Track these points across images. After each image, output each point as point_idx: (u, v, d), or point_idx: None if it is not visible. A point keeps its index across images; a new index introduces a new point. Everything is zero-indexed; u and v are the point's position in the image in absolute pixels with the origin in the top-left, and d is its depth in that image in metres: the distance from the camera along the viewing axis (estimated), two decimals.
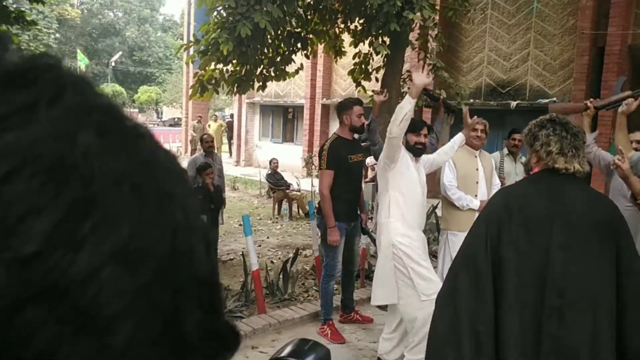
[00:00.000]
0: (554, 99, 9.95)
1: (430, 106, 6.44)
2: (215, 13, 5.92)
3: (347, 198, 4.00)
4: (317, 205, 4.41)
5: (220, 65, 6.14)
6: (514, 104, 10.43)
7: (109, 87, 39.78)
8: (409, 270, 3.29)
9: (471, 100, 10.63)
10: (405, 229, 3.39)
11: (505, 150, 5.55)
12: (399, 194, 3.38)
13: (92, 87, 0.28)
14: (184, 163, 9.71)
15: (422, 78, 3.23)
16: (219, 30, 5.55)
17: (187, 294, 0.28)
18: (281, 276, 5.01)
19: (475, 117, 4.26)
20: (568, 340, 1.97)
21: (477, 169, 4.44)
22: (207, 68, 6.20)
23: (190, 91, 6.64)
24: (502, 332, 2.04)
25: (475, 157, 4.42)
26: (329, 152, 3.94)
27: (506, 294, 2.05)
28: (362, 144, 4.49)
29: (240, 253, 5.72)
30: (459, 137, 4.13)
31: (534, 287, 2.02)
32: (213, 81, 6.38)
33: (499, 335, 2.05)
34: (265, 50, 6.36)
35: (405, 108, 3.19)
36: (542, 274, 2.01)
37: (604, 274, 2.02)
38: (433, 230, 7.02)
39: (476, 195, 4.39)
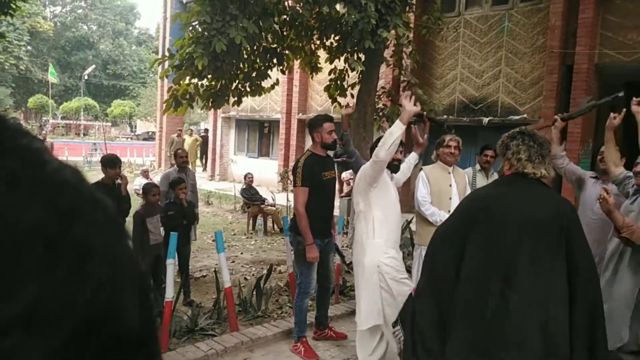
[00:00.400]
0: (525, 115, 10.18)
1: (414, 123, 6.57)
2: (190, 28, 5.89)
3: (322, 215, 3.99)
4: (290, 222, 4.37)
5: (195, 80, 6.10)
6: (486, 120, 10.62)
7: (82, 101, 39.21)
8: (392, 290, 3.31)
9: (444, 116, 10.79)
10: (389, 248, 3.39)
11: (478, 166, 5.61)
12: (382, 213, 3.39)
13: (11, 130, 0.26)
14: (157, 178, 9.58)
15: (412, 105, 3.22)
16: (193, 45, 5.52)
17: (112, 352, 0.25)
18: (254, 293, 4.94)
19: (446, 129, 4.35)
20: (513, 317, 2.22)
21: (451, 185, 4.48)
22: (181, 82, 6.15)
23: (164, 105, 6.57)
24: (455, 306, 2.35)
25: (449, 173, 4.46)
26: (303, 169, 3.92)
27: (464, 275, 2.35)
28: (336, 160, 4.50)
29: (213, 270, 5.63)
30: (413, 156, 4.25)
31: (486, 269, 2.32)
32: (187, 96, 6.33)
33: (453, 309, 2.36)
34: (241, 66, 6.34)
35: (396, 134, 3.19)
36: (492, 259, 2.32)
37: (553, 264, 2.30)
38: (407, 245, 7.03)
39: (449, 211, 4.42)
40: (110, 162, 4.49)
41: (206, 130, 18.28)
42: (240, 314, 4.74)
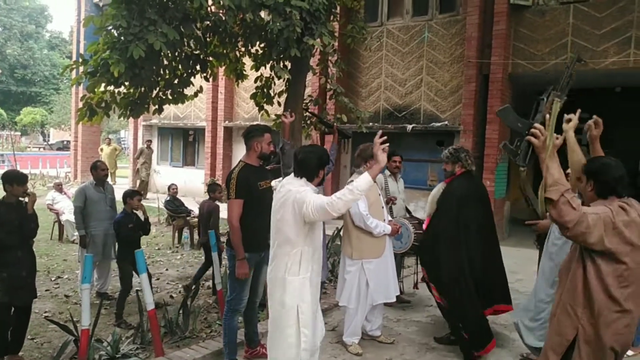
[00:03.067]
0: (446, 122, 10.54)
1: (326, 133, 6.58)
2: (105, 32, 5.52)
3: (258, 226, 3.74)
4: (227, 236, 4.17)
5: (111, 87, 5.73)
6: (409, 127, 10.89)
7: None
8: (301, 337, 3.09)
9: (370, 124, 10.95)
10: (312, 286, 3.17)
11: (387, 172, 5.71)
12: (311, 247, 3.13)
13: None
14: (72, 191, 8.96)
15: (385, 158, 2.95)
16: (109, 50, 5.17)
17: None
18: (181, 312, 4.69)
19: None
20: (470, 252, 4.25)
21: (380, 194, 4.50)
22: (96, 90, 5.75)
23: (78, 115, 6.11)
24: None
25: (375, 182, 4.47)
26: (237, 181, 3.71)
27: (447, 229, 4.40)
28: (268, 167, 4.36)
29: (136, 290, 5.29)
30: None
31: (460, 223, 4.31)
32: (103, 104, 5.93)
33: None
34: (162, 72, 6.04)
35: (363, 191, 2.90)
36: (459, 218, 4.32)
37: (485, 219, 4.45)
38: (338, 253, 7.01)
39: (384, 220, 4.43)
40: (16, 179, 4.06)
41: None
42: (167, 336, 4.48)
